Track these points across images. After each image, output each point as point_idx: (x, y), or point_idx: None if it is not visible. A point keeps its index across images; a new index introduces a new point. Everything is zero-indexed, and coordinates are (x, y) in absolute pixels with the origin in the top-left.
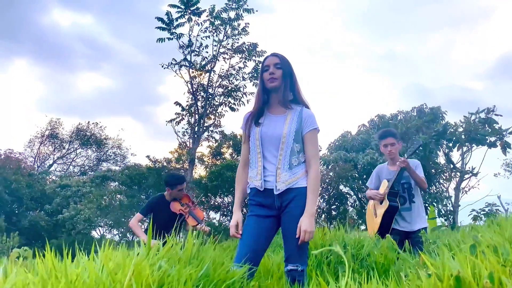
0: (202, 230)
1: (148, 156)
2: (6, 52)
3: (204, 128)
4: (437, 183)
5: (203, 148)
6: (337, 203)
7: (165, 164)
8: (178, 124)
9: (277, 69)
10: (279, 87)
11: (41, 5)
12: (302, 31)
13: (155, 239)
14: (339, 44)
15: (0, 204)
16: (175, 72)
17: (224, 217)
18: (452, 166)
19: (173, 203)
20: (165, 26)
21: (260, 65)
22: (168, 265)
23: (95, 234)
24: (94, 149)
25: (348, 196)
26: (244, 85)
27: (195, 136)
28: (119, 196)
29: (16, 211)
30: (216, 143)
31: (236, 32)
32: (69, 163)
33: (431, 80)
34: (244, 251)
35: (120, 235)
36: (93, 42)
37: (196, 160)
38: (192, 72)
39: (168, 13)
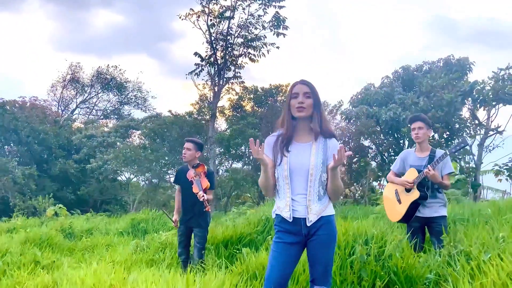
0: (200, 197)
1: (170, 111)
2: None
3: (225, 80)
4: (460, 139)
5: (224, 101)
6: (357, 156)
7: (186, 117)
8: (198, 75)
9: (307, 98)
10: (306, 117)
11: None
12: None
13: (188, 204)
14: None
15: (31, 154)
16: (193, 23)
17: (247, 166)
18: (477, 122)
19: (189, 171)
20: None
21: (288, 90)
22: None
23: (122, 178)
24: (115, 92)
25: (370, 149)
26: (264, 35)
27: (216, 89)
28: (143, 150)
29: (46, 159)
30: (237, 96)
31: None
32: (92, 107)
33: (456, 11)
34: (275, 275)
35: (147, 182)
36: None
37: (217, 113)
38: (211, 20)
39: None
